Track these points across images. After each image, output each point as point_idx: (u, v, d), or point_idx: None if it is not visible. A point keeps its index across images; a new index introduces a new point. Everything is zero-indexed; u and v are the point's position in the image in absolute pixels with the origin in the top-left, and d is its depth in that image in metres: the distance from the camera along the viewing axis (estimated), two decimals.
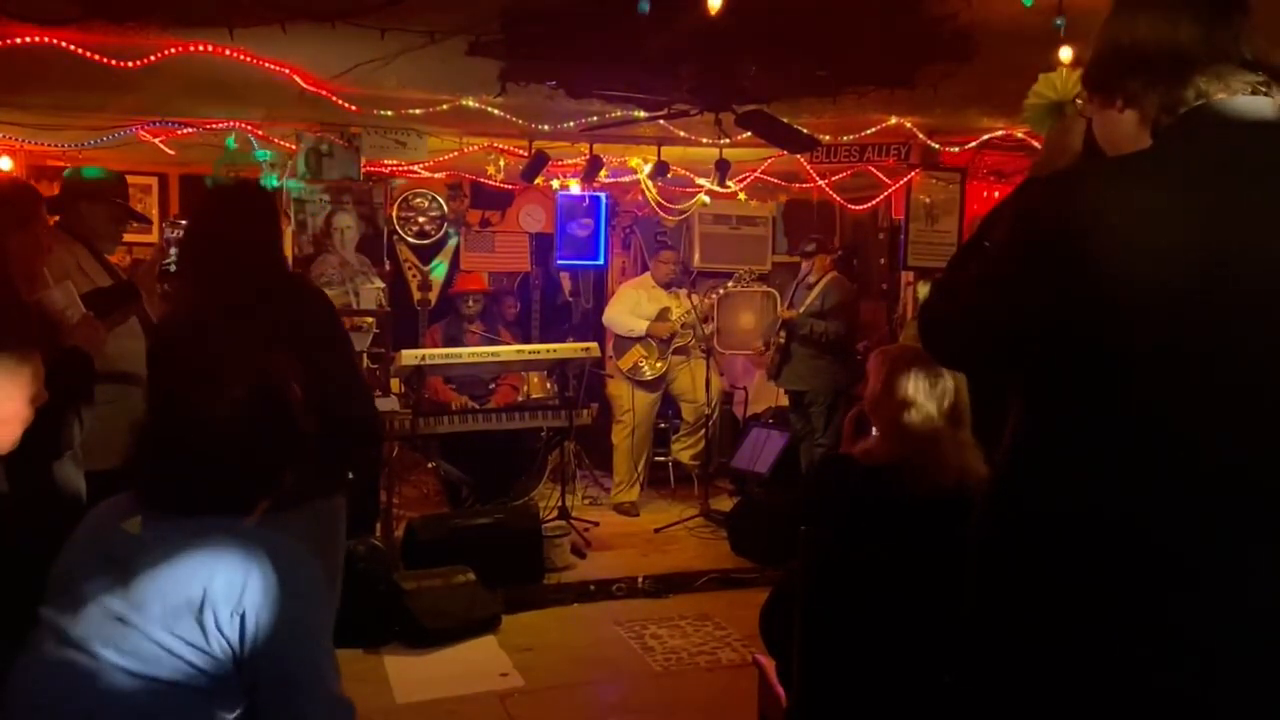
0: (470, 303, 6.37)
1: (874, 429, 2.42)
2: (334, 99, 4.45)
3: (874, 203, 6.64)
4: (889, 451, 2.33)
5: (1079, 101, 1.51)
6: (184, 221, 3.08)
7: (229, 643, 1.55)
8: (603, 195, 7.06)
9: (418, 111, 4.73)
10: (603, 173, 6.05)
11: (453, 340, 6.17)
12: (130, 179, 3.92)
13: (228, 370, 1.70)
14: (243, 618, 1.54)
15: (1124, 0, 1.37)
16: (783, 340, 5.97)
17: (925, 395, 2.30)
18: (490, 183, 6.51)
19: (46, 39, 3.51)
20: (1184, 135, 1.30)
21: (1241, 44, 1.30)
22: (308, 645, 1.62)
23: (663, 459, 6.85)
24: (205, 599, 1.53)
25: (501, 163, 6.08)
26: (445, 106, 4.63)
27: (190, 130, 5.21)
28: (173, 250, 3.11)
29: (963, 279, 1.47)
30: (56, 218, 3.41)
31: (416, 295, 6.98)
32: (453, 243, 7.26)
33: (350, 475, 2.79)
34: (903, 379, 2.31)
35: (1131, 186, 1.27)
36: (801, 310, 5.91)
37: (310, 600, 1.64)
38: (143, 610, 1.54)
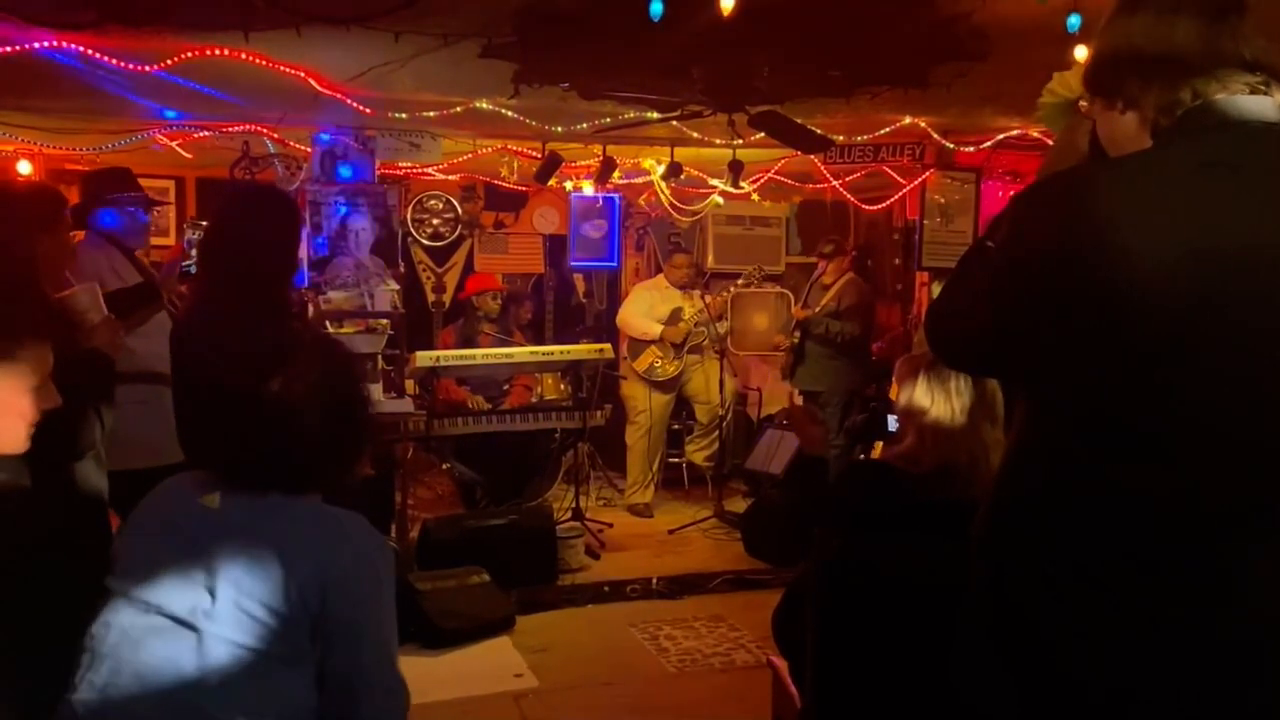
0: (489, 300, 6.37)
1: (906, 435, 2.41)
2: (348, 101, 4.47)
3: (888, 203, 6.62)
4: (918, 455, 2.32)
5: (1083, 103, 1.50)
6: (203, 222, 3.10)
7: (310, 615, 1.58)
8: (616, 196, 7.07)
9: (431, 114, 4.75)
10: (616, 174, 6.06)
11: (467, 341, 6.17)
12: (147, 182, 3.96)
13: (305, 352, 1.73)
14: (324, 591, 1.58)
15: (1123, 3, 1.37)
16: (797, 340, 5.97)
17: (944, 398, 2.29)
18: (504, 184, 6.53)
19: (64, 43, 3.54)
20: (1181, 136, 1.29)
21: (1240, 44, 1.29)
22: (380, 623, 1.66)
23: (676, 460, 6.84)
24: (290, 573, 1.57)
25: (515, 164, 6.09)
26: (459, 109, 4.64)
27: (207, 134, 5.25)
28: (193, 251, 3.12)
29: (967, 280, 1.47)
30: (82, 233, 3.47)
31: (431, 297, 7.00)
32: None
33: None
34: (923, 382, 2.31)
35: (1127, 187, 1.26)
36: (817, 310, 5.91)
37: (385, 578, 1.69)
38: (228, 580, 1.57)
